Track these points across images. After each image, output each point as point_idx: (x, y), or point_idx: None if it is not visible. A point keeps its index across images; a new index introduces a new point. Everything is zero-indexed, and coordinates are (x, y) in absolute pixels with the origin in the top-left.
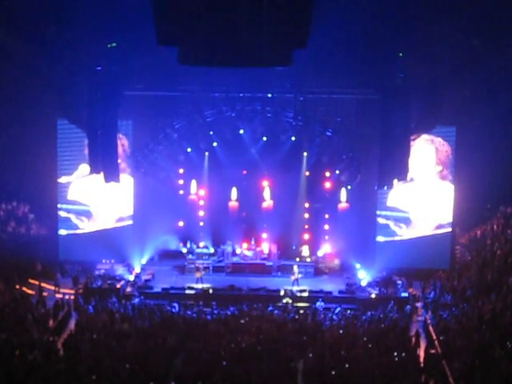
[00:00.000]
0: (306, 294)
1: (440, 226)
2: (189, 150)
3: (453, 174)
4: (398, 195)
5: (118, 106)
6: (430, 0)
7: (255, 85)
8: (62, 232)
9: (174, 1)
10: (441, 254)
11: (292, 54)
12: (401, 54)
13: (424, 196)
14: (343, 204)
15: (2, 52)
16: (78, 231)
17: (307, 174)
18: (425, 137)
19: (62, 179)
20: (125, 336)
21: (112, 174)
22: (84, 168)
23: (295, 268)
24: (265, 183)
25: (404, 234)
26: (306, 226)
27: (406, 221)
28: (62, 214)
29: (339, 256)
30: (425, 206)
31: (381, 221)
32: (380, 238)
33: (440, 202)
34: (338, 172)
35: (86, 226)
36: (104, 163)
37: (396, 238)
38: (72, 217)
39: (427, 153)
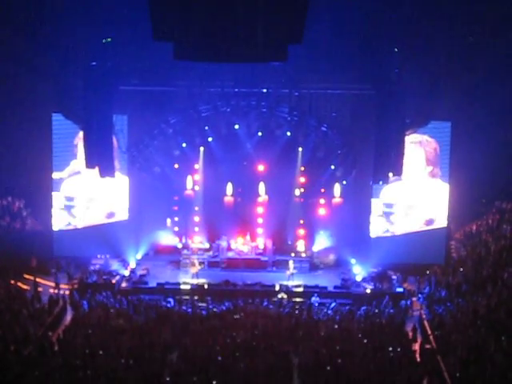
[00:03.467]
0: (301, 289)
1: (432, 222)
2: (184, 145)
3: (443, 171)
4: (390, 191)
5: (113, 100)
6: None
7: (250, 80)
8: (56, 227)
9: None
10: (436, 249)
11: (287, 49)
12: (396, 50)
13: (415, 193)
14: (337, 199)
15: None
16: (72, 227)
17: (302, 169)
18: (413, 139)
19: (55, 175)
20: (120, 331)
21: (107, 169)
22: (76, 164)
23: (290, 263)
24: (260, 178)
25: (396, 229)
26: (301, 221)
27: (398, 216)
28: (55, 209)
29: (334, 251)
30: (416, 202)
31: (374, 216)
32: (373, 234)
33: (431, 199)
34: (333, 167)
35: (79, 222)
36: (99, 158)
37: (388, 234)
38: (65, 212)
39: (417, 157)
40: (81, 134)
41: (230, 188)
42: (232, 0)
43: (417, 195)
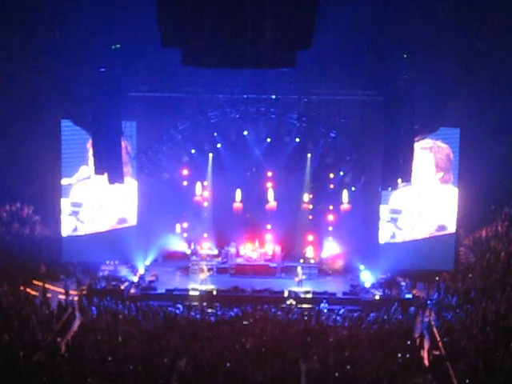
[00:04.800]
0: (309, 296)
1: (441, 228)
2: (193, 151)
3: (455, 177)
4: (400, 197)
5: (122, 107)
6: (434, 2)
7: (259, 86)
8: (65, 233)
9: (178, 2)
10: (445, 255)
11: (296, 55)
12: (405, 56)
13: (425, 199)
14: (345, 205)
15: (7, 53)
16: (81, 233)
17: (311, 175)
18: (423, 145)
19: (64, 181)
20: (129, 337)
21: (116, 176)
22: (85, 170)
23: (299, 269)
24: (269, 184)
25: (405, 236)
26: (310, 228)
27: (407, 223)
28: (64, 215)
29: (343, 257)
30: (426, 208)
31: (383, 223)
32: (382, 240)
33: (441, 204)
34: (342, 173)
35: (87, 228)
36: (108, 164)
37: (396, 240)
38: (74, 218)
39: (427, 162)
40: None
41: (238, 194)
42: (240, 6)
43: (426, 201)
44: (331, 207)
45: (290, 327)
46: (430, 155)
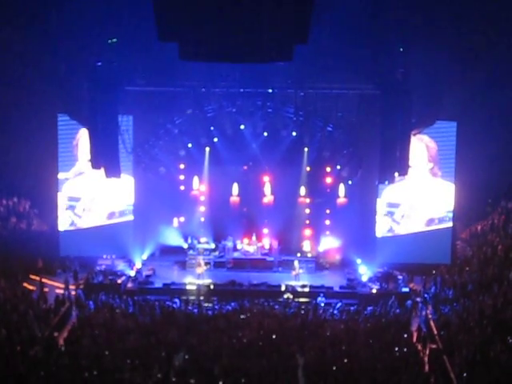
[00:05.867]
0: (306, 290)
1: (431, 222)
2: (189, 145)
3: (444, 171)
4: (394, 191)
5: (119, 101)
6: None
7: (256, 80)
8: (62, 228)
9: None
10: (442, 249)
11: (293, 49)
12: (401, 49)
13: (418, 192)
14: (342, 199)
15: (3, 48)
16: (78, 227)
17: (308, 169)
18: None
19: (60, 175)
20: (126, 331)
21: (113, 170)
22: (80, 164)
23: (296, 263)
24: (266, 178)
25: (401, 229)
26: (307, 222)
27: (402, 216)
28: (60, 210)
29: (340, 251)
30: (419, 201)
31: (379, 216)
32: (379, 234)
33: (433, 198)
34: (338, 167)
35: (84, 222)
36: (105, 159)
37: (393, 234)
38: (70, 213)
39: (419, 150)
40: (79, 135)
41: (235, 188)
42: (237, 0)
43: (420, 194)
44: (328, 201)
45: (287, 321)
46: (421, 144)
